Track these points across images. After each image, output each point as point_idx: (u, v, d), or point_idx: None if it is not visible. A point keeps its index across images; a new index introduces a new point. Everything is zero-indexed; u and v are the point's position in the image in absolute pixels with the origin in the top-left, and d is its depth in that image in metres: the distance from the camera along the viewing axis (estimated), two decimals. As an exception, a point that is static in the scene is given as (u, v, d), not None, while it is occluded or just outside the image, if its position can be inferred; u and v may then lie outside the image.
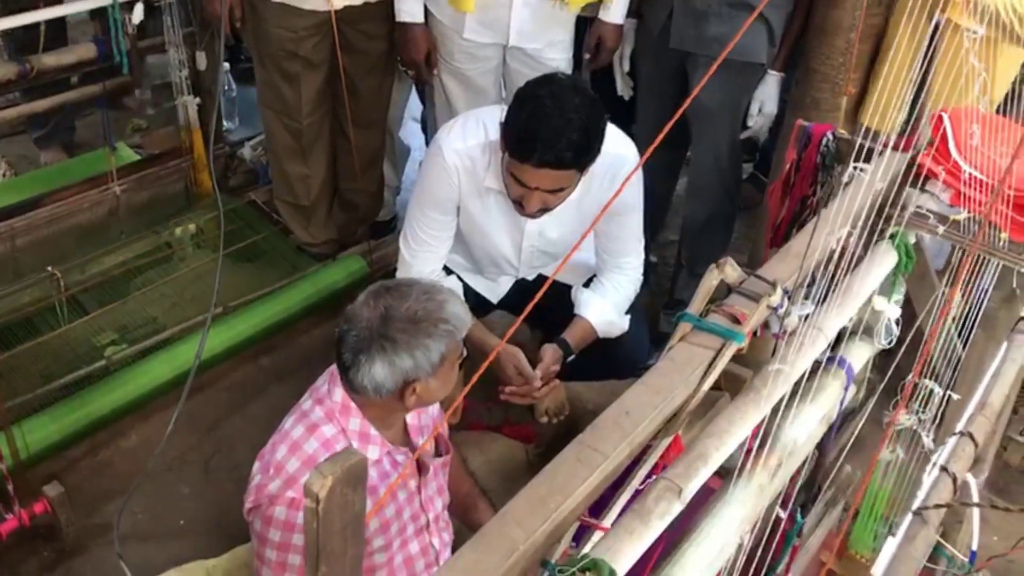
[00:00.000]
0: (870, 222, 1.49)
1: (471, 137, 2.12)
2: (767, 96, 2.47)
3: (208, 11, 2.65)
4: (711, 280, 1.24)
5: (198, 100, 2.97)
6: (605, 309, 2.28)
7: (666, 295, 2.96)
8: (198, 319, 2.64)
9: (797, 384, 1.27)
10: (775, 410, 1.22)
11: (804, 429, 1.32)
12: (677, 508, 1.01)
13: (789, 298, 1.28)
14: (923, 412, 1.76)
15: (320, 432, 1.62)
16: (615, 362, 2.39)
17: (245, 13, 2.62)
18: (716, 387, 1.25)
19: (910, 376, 1.69)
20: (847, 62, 2.23)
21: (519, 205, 2.06)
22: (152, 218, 3.01)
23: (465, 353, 1.66)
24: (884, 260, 1.49)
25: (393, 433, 1.72)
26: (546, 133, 1.88)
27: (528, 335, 2.72)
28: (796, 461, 1.37)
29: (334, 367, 1.66)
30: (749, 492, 1.20)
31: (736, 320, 1.21)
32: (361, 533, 0.70)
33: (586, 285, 2.37)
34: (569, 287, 2.41)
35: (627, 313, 2.34)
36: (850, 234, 1.38)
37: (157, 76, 3.62)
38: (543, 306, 2.55)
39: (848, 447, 1.76)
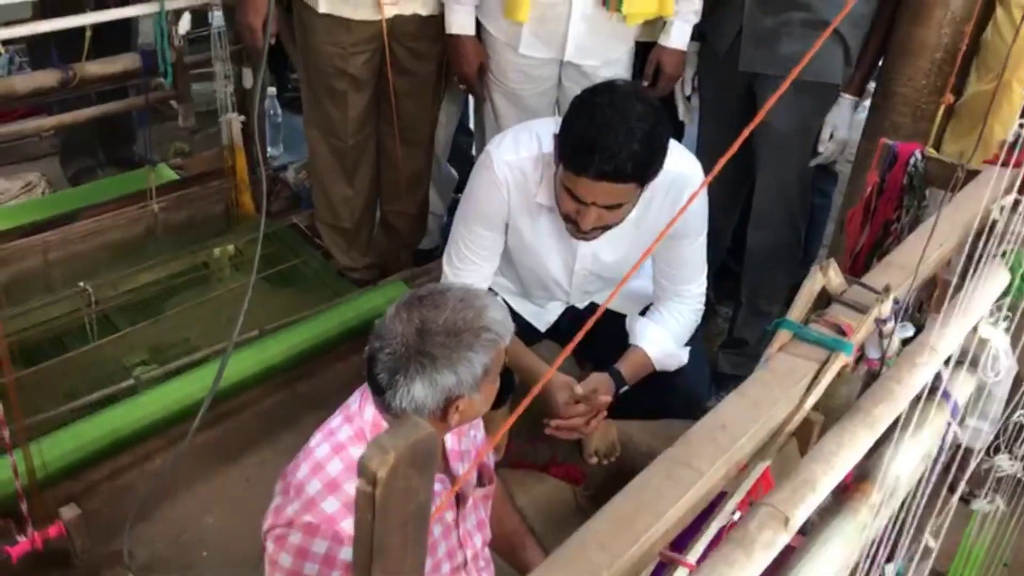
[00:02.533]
0: (979, 240, 1.34)
1: (523, 149, 1.99)
2: (840, 120, 2.32)
3: (241, 23, 2.46)
4: (814, 284, 1.08)
5: (243, 118, 2.89)
6: (663, 339, 2.11)
7: (724, 333, 2.78)
8: (233, 341, 2.52)
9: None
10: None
11: (906, 466, 1.17)
12: (783, 540, 0.85)
13: (898, 314, 1.13)
14: (1031, 458, 1.58)
15: (347, 453, 1.47)
16: (672, 399, 2.21)
17: (294, 27, 2.54)
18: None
19: (1016, 415, 1.52)
20: (931, 84, 2.08)
21: (573, 224, 1.91)
22: (191, 238, 2.92)
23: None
24: (995, 280, 1.33)
25: None
26: (605, 142, 1.74)
27: (577, 370, 2.57)
28: (895, 502, 1.21)
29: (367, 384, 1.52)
30: (851, 532, 1.04)
31: (841, 332, 1.05)
32: (425, 533, 0.54)
33: (642, 314, 2.21)
34: (623, 316, 2.25)
35: (687, 345, 2.18)
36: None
37: (202, 104, 3.56)
38: (594, 337, 2.37)
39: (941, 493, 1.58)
